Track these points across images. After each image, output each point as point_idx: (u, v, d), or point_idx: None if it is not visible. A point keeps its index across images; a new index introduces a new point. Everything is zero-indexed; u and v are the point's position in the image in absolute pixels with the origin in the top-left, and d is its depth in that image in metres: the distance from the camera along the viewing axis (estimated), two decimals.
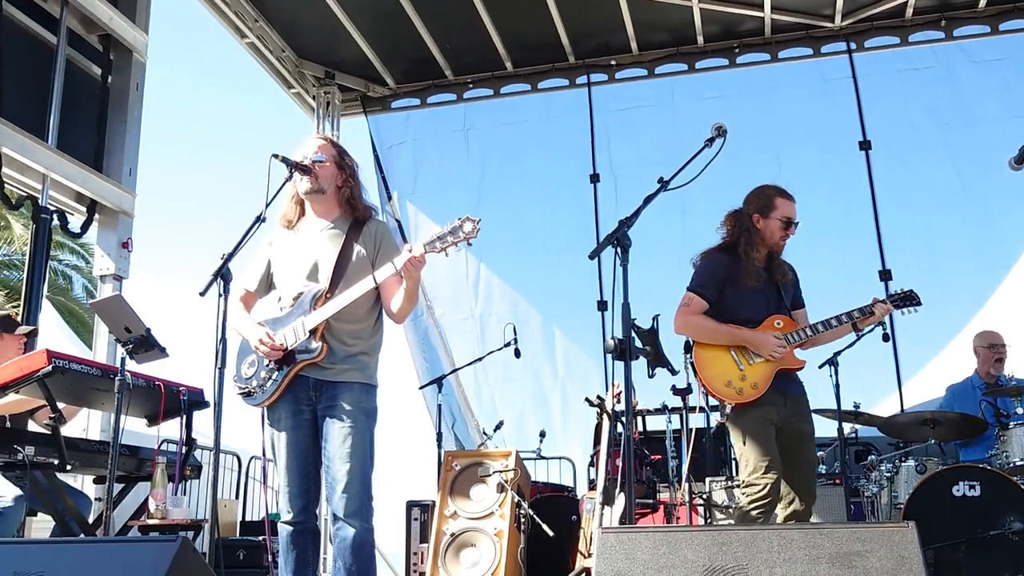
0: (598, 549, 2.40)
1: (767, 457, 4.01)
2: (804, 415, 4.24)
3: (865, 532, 2.22)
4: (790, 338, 4.16)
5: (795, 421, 4.17)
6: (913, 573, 2.11)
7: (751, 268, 4.20)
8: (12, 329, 4.85)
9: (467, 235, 3.30)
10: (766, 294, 4.25)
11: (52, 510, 4.34)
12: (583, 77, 8.49)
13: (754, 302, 4.22)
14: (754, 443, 4.06)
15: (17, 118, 5.48)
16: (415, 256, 3.36)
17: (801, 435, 4.17)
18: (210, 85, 58.18)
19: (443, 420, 6.58)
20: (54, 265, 18.18)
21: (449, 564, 5.27)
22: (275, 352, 3.48)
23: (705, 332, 4.23)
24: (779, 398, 4.13)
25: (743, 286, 4.18)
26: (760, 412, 4.09)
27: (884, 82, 7.92)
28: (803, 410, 4.24)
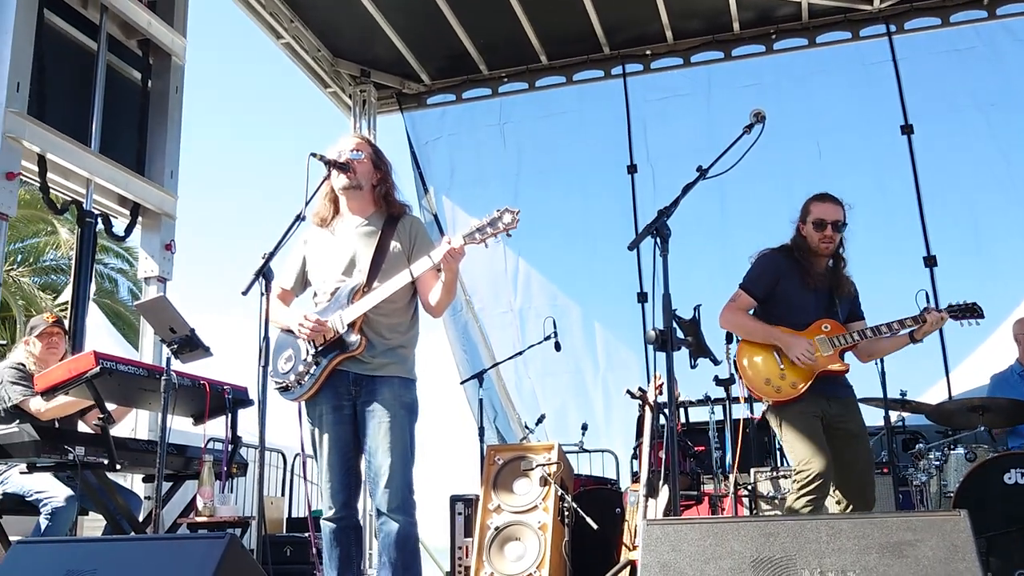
0: (644, 541, 2.38)
1: (811, 445, 4.00)
2: (852, 416, 4.21)
3: (916, 521, 2.18)
4: (835, 342, 4.16)
5: (842, 422, 4.16)
6: (966, 562, 2.07)
7: (809, 271, 4.24)
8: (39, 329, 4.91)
9: (507, 226, 3.30)
10: (818, 300, 4.27)
11: (103, 509, 4.41)
12: (618, 68, 8.44)
13: (805, 305, 4.25)
14: (797, 434, 4.07)
15: (61, 124, 5.56)
16: (455, 248, 3.36)
17: (848, 434, 4.15)
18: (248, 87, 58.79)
19: (484, 414, 6.59)
20: (100, 268, 18.49)
21: (494, 558, 5.28)
22: (318, 329, 3.49)
23: (745, 329, 4.30)
24: (822, 400, 4.13)
25: (798, 288, 4.23)
26: (801, 407, 4.11)
27: (925, 64, 7.76)
28: (851, 412, 4.22)
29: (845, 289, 4.33)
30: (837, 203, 4.28)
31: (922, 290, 5.36)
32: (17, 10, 5.17)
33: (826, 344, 4.17)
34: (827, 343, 4.17)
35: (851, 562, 2.15)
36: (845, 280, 4.34)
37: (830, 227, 4.21)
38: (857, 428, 4.21)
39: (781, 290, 4.28)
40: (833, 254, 4.30)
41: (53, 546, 2.94)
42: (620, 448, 7.70)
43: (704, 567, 2.28)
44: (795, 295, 4.25)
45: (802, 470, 3.99)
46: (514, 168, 8.61)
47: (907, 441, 6.03)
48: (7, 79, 5.06)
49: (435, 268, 3.48)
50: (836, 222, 4.22)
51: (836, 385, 4.20)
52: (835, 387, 4.19)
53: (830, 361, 4.15)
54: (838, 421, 4.16)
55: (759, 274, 4.33)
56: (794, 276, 4.26)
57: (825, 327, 4.21)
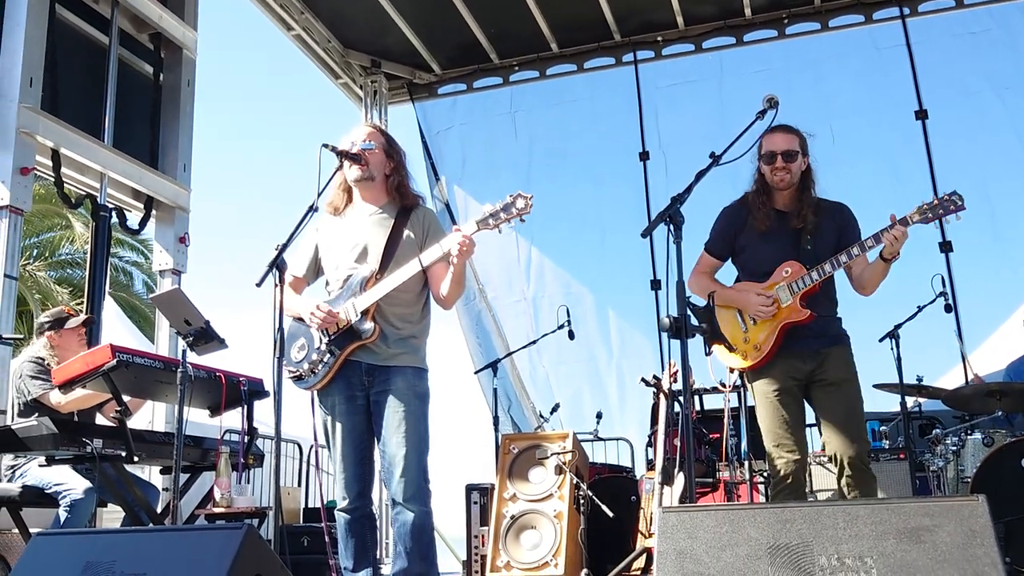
0: (660, 528, 2.38)
1: (775, 434, 3.73)
2: (830, 365, 3.76)
3: (934, 506, 2.17)
4: (794, 287, 3.74)
5: (820, 374, 3.77)
6: (985, 547, 2.06)
7: (762, 212, 3.85)
8: (64, 323, 4.95)
9: (520, 211, 3.30)
10: (781, 242, 3.84)
11: (121, 501, 4.44)
12: (629, 55, 8.40)
13: (764, 252, 3.87)
14: (763, 420, 3.78)
15: (74, 119, 5.59)
16: (465, 240, 3.36)
17: (825, 384, 3.75)
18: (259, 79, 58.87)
19: (499, 404, 6.59)
20: (114, 262, 18.55)
21: (510, 546, 5.30)
22: (329, 319, 3.50)
23: (702, 291, 3.92)
24: (795, 360, 3.77)
25: (756, 236, 3.87)
26: (769, 381, 3.77)
27: (939, 48, 7.68)
28: (829, 361, 3.76)
29: (820, 222, 3.84)
30: (788, 131, 3.86)
31: (937, 274, 5.36)
32: (29, 6, 5.19)
33: (785, 291, 3.77)
34: (786, 290, 3.76)
35: (868, 548, 2.15)
36: (810, 210, 3.84)
37: (780, 158, 3.79)
38: (834, 375, 3.75)
39: (742, 242, 3.93)
40: (793, 186, 3.86)
41: (73, 538, 2.96)
42: (635, 436, 7.70)
43: (720, 554, 2.28)
44: (755, 244, 3.88)
45: (769, 467, 3.77)
46: (526, 157, 8.59)
47: (923, 427, 6.01)
48: (20, 75, 5.09)
49: (446, 260, 3.48)
50: (787, 152, 3.81)
51: (809, 338, 3.77)
52: (808, 341, 3.76)
53: (790, 311, 3.74)
54: (816, 375, 3.77)
55: (716, 229, 4.00)
56: (752, 224, 3.88)
57: (785, 271, 3.79)
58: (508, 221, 3.32)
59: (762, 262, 3.87)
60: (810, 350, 3.77)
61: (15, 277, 5.01)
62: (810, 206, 3.85)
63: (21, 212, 5.04)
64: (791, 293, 3.74)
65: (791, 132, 3.87)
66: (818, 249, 3.81)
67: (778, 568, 2.20)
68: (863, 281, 3.82)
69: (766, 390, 3.78)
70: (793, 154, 3.83)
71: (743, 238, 3.93)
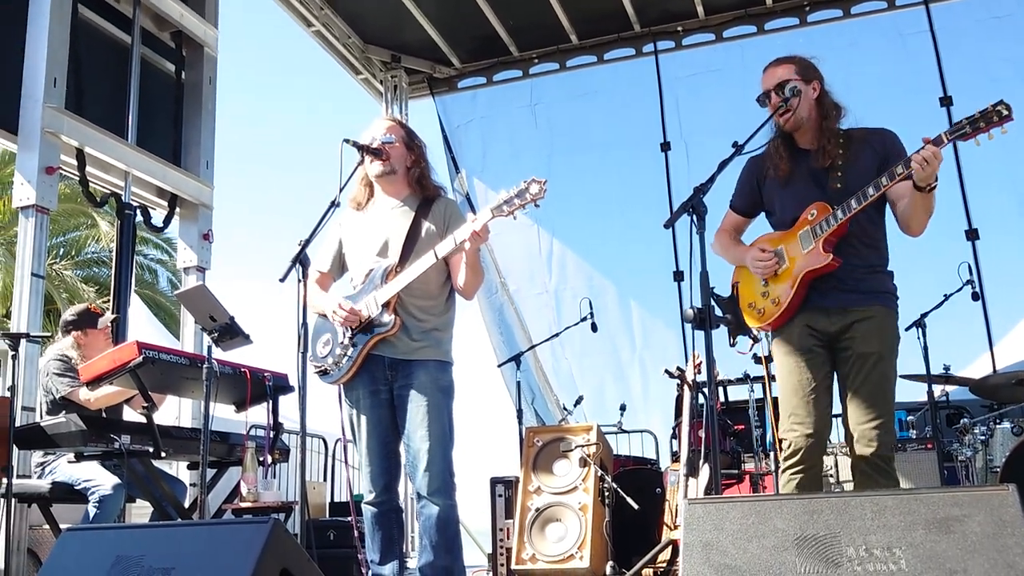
0: (686, 520, 2.38)
1: (787, 402, 3.31)
2: (860, 331, 3.26)
3: (963, 496, 2.15)
4: (817, 230, 3.27)
5: (846, 340, 3.28)
6: (1016, 537, 2.04)
7: (775, 157, 3.45)
8: (94, 324, 5.01)
9: (534, 196, 3.28)
10: (807, 183, 3.40)
11: (150, 496, 4.48)
12: (649, 45, 8.36)
13: (788, 198, 3.44)
14: (780, 386, 3.36)
15: (98, 118, 5.63)
16: (477, 230, 3.35)
17: (851, 357, 3.27)
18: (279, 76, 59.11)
19: (523, 397, 6.60)
20: (140, 260, 18.72)
21: (535, 539, 5.30)
22: (351, 317, 3.51)
23: (723, 252, 3.60)
24: (818, 315, 3.30)
25: (780, 180, 3.45)
26: (788, 340, 3.34)
27: (964, 33, 7.58)
28: (865, 327, 3.25)
29: (852, 154, 3.37)
30: (777, 64, 3.49)
31: (964, 262, 5.30)
32: (52, 6, 5.23)
33: (807, 237, 3.30)
34: (808, 235, 3.30)
35: (897, 539, 2.13)
36: (848, 142, 3.40)
37: (773, 95, 3.42)
38: (864, 345, 3.24)
39: (768, 193, 3.53)
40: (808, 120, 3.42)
41: (102, 533, 2.99)
42: (659, 428, 7.68)
43: (747, 545, 2.26)
44: (778, 191, 3.48)
45: (781, 439, 3.33)
46: (546, 149, 8.57)
47: (951, 416, 5.96)
48: (44, 75, 5.13)
49: (461, 248, 3.48)
50: (778, 85, 3.41)
51: (837, 291, 3.28)
52: (836, 295, 3.28)
53: (811, 257, 3.26)
54: (842, 339, 3.28)
55: (738, 187, 3.61)
56: (772, 171, 3.49)
57: (811, 214, 3.32)
58: (523, 207, 3.30)
59: (787, 208, 3.44)
60: (836, 306, 3.27)
61: (42, 276, 5.06)
62: (833, 138, 3.38)
63: (47, 211, 5.09)
64: (813, 237, 3.27)
65: (781, 63, 3.48)
66: (852, 185, 3.27)
67: (805, 559, 2.18)
68: (906, 218, 3.29)
69: (782, 350, 3.36)
70: (786, 85, 3.40)
71: (767, 189, 3.53)
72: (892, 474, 3.23)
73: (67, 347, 4.89)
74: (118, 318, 5.27)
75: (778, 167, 3.44)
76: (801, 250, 3.30)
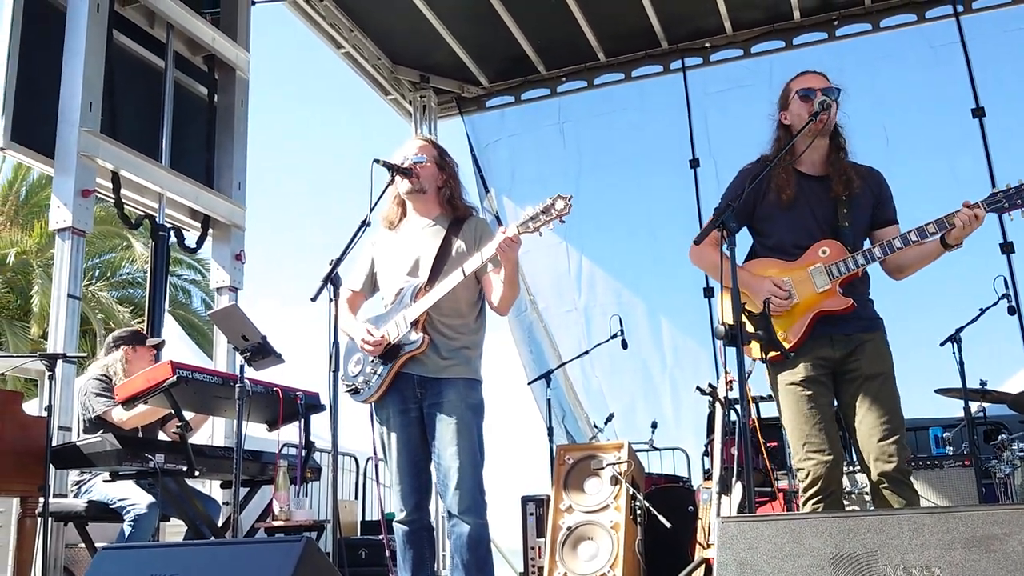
0: (719, 539, 2.35)
1: (801, 431, 3.27)
2: (864, 354, 3.30)
3: (1003, 514, 2.11)
4: (833, 271, 3.28)
5: (851, 362, 3.30)
6: None
7: (782, 176, 3.37)
8: (143, 342, 5.09)
9: (559, 212, 3.27)
10: (814, 212, 3.38)
11: (183, 515, 4.52)
12: (677, 62, 8.36)
13: (796, 222, 3.37)
14: (788, 418, 3.33)
15: (132, 141, 5.71)
16: (509, 237, 3.34)
17: (857, 377, 3.29)
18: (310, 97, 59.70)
19: (553, 414, 6.58)
20: (173, 280, 18.96)
21: (567, 558, 5.27)
22: (378, 347, 3.53)
23: (710, 267, 3.40)
24: (824, 345, 3.31)
25: (780, 202, 3.38)
26: (794, 373, 3.31)
27: (995, 44, 7.52)
28: (868, 350, 3.31)
29: (849, 187, 3.37)
30: (820, 74, 3.47)
31: (1000, 276, 5.23)
32: (88, 33, 5.33)
33: (822, 275, 3.30)
34: (823, 273, 3.29)
35: (935, 558, 2.09)
36: (848, 174, 3.39)
37: (820, 92, 3.34)
38: (870, 367, 3.27)
39: (764, 212, 3.43)
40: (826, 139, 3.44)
41: (137, 551, 3.01)
42: (690, 445, 7.64)
43: (782, 564, 2.24)
44: (780, 214, 3.39)
45: (798, 470, 3.31)
46: (575, 167, 8.58)
47: (989, 432, 5.86)
48: (80, 100, 5.22)
49: (497, 266, 3.49)
50: (826, 89, 3.37)
51: (844, 321, 3.30)
52: (843, 324, 3.30)
53: (827, 299, 3.27)
54: (847, 363, 3.31)
55: (730, 193, 3.43)
56: (770, 192, 3.40)
57: (823, 251, 3.31)
58: (548, 223, 3.29)
59: (786, 234, 3.39)
60: (843, 334, 3.31)
61: (78, 297, 5.13)
62: (844, 171, 3.38)
63: (83, 233, 5.17)
64: (830, 278, 3.28)
65: (823, 75, 3.46)
66: (857, 222, 3.36)
67: None
68: (904, 262, 3.36)
69: (791, 380, 3.32)
70: (835, 91, 3.35)
71: (764, 206, 3.43)
72: (913, 487, 3.23)
73: (112, 363, 4.94)
74: (163, 343, 5.34)
75: (784, 189, 3.39)
76: (815, 287, 3.31)
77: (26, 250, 16.90)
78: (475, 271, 3.51)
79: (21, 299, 17.05)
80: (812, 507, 3.25)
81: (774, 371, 3.40)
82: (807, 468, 3.26)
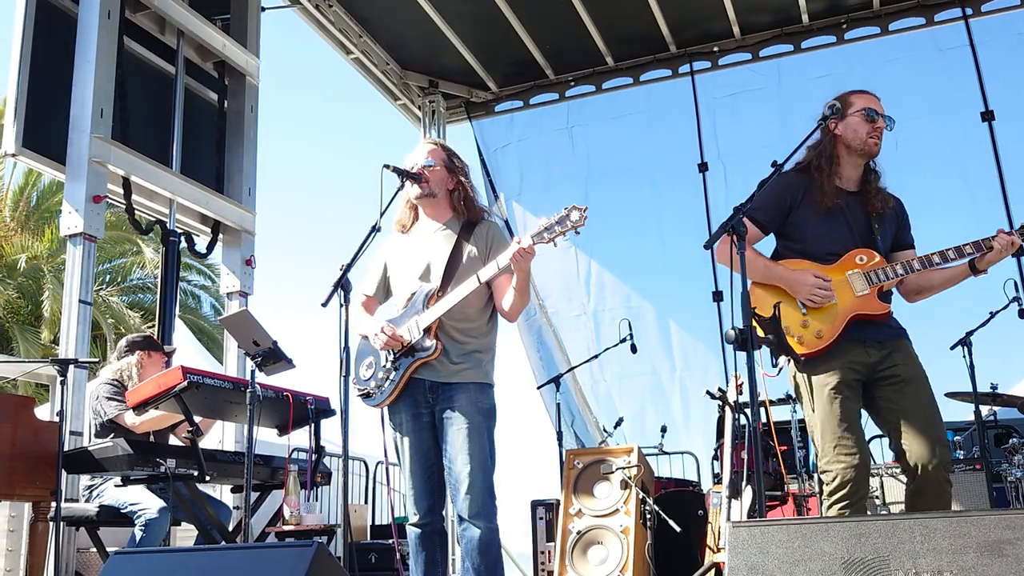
0: (730, 543, 2.35)
1: (832, 433, 3.30)
2: (901, 359, 3.37)
3: (1016, 519, 2.10)
4: (872, 277, 3.37)
5: (888, 366, 3.35)
6: None
7: (828, 185, 3.45)
8: (158, 348, 5.11)
9: (574, 224, 3.27)
10: (850, 223, 3.48)
11: (195, 519, 4.53)
12: (685, 66, 8.37)
13: (832, 231, 3.46)
14: (819, 417, 3.35)
15: (143, 147, 5.74)
16: (523, 248, 3.34)
17: (897, 380, 3.33)
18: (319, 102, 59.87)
19: (562, 419, 6.58)
20: (183, 286, 19.00)
21: (577, 562, 5.27)
22: (393, 341, 3.53)
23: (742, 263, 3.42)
24: (858, 349, 3.36)
25: (818, 210, 3.46)
26: (827, 374, 3.35)
27: (1004, 47, 7.51)
28: (901, 355, 3.38)
29: (884, 206, 3.50)
30: (879, 99, 3.56)
31: (1010, 279, 5.21)
32: (99, 39, 5.36)
33: (861, 280, 3.39)
34: (862, 279, 3.39)
35: (947, 562, 2.09)
36: (883, 194, 3.53)
37: (883, 119, 3.47)
38: (908, 371, 3.34)
39: (799, 219, 3.50)
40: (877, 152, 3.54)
41: (148, 556, 3.02)
42: (700, 449, 7.62)
43: (793, 569, 2.24)
44: (818, 221, 3.47)
45: (825, 470, 3.31)
46: (583, 171, 8.60)
47: (999, 436, 5.85)
48: (91, 106, 5.25)
49: (509, 272, 3.49)
50: (887, 116, 3.49)
51: (877, 327, 3.39)
52: (876, 330, 3.39)
53: (866, 303, 3.36)
54: (883, 368, 3.36)
55: (768, 197, 3.38)
56: (813, 199, 3.47)
57: (860, 258, 3.43)
58: (563, 234, 3.30)
59: (820, 241, 3.46)
60: (875, 340, 3.37)
61: (90, 302, 5.15)
62: (880, 191, 3.53)
63: (94, 239, 5.19)
64: (869, 283, 3.38)
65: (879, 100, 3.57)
66: (885, 239, 3.50)
67: None
68: (928, 283, 3.51)
69: (825, 382, 3.35)
70: (890, 121, 3.51)
71: (800, 213, 3.50)
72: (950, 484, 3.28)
73: (125, 367, 4.96)
74: (174, 351, 5.36)
75: (826, 197, 3.45)
76: (853, 291, 3.38)
77: (37, 255, 16.97)
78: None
79: (32, 304, 17.12)
80: (838, 511, 3.26)
81: (808, 371, 3.41)
82: (835, 471, 3.28)
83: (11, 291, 16.73)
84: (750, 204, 3.10)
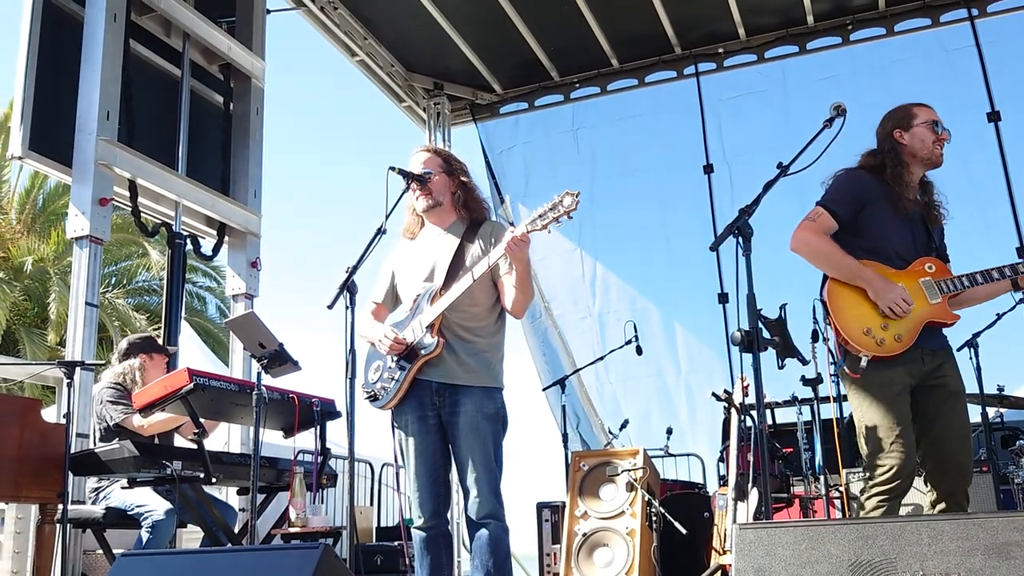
0: (737, 546, 2.35)
1: (895, 430, 3.35)
2: (951, 371, 3.50)
3: (1023, 521, 2.10)
4: (943, 287, 3.47)
5: (939, 377, 3.46)
6: None
7: (905, 193, 3.54)
8: (160, 349, 5.12)
9: (567, 209, 3.28)
10: (915, 232, 3.60)
11: (201, 521, 4.53)
12: (690, 67, 8.36)
13: (900, 238, 3.55)
14: (880, 412, 3.40)
15: (149, 150, 5.75)
16: (516, 236, 3.35)
17: (946, 393, 3.45)
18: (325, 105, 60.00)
19: (567, 421, 6.58)
20: (189, 288, 19.02)
21: (582, 564, 5.26)
22: (397, 346, 3.54)
23: (825, 258, 3.51)
24: (916, 356, 3.44)
25: (890, 216, 3.54)
26: (894, 375, 3.41)
27: (1010, 48, 7.49)
28: (950, 365, 3.51)
29: (938, 219, 3.67)
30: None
31: None
32: (105, 42, 5.37)
33: (932, 290, 3.48)
34: (933, 288, 3.48)
35: (955, 565, 2.08)
36: (937, 207, 3.68)
37: (944, 130, 3.62)
38: (955, 385, 3.48)
39: (869, 217, 3.54)
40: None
41: (155, 558, 3.03)
42: (705, 452, 7.61)
43: (800, 571, 2.23)
44: (887, 224, 3.53)
45: (879, 464, 3.36)
46: (588, 173, 8.59)
47: (1006, 438, 5.82)
48: (97, 109, 5.26)
49: (510, 268, 3.49)
50: (947, 128, 3.65)
51: (933, 336, 3.49)
52: (932, 338, 3.48)
53: (940, 311, 3.46)
54: (934, 377, 3.46)
55: (846, 191, 3.54)
56: (885, 200, 3.53)
57: (929, 267, 3.53)
58: (556, 220, 3.30)
59: (890, 241, 3.54)
60: (931, 348, 3.47)
61: (96, 305, 5.16)
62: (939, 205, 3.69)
63: (100, 242, 5.20)
64: (940, 292, 3.48)
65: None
66: (939, 251, 3.66)
67: None
68: (971, 296, 3.59)
69: (890, 382, 3.41)
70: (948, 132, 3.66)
71: (873, 212, 3.55)
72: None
73: (127, 370, 4.96)
74: (176, 351, 5.37)
75: (902, 201, 3.54)
76: (927, 299, 3.48)
77: (43, 258, 17.01)
78: (491, 274, 3.53)
79: (38, 306, 17.16)
80: (878, 502, 3.34)
81: (873, 368, 3.44)
82: (891, 463, 3.33)
83: (17, 293, 16.76)
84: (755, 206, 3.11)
